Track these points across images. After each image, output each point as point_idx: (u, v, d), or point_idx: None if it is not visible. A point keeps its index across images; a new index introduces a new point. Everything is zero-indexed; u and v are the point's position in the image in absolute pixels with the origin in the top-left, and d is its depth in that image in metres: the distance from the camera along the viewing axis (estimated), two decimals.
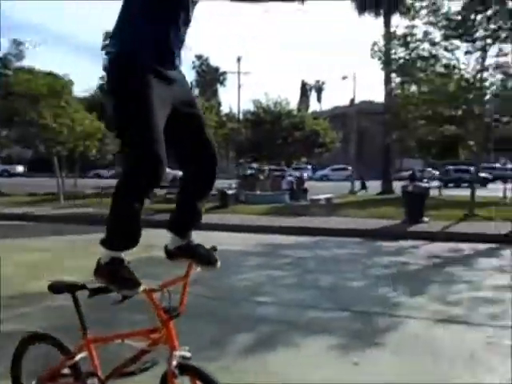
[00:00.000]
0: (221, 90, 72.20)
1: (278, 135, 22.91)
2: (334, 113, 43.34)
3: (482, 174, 32.19)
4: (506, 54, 11.43)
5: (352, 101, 28.50)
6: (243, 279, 6.10)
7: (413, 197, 11.24)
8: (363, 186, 25.22)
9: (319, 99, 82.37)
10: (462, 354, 3.49)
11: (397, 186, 22.90)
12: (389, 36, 14.13)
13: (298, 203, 16.13)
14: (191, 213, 1.94)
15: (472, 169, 32.64)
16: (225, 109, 50.91)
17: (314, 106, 75.39)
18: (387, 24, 22.45)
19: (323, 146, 23.23)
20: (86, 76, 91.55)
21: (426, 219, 11.02)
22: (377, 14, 23.99)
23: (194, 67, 68.68)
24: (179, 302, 1.86)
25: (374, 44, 12.99)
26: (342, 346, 3.66)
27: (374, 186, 25.18)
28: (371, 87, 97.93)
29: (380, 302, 4.97)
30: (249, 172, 25.04)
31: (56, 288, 2.06)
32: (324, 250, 8.43)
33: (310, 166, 26.92)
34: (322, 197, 17.04)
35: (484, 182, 30.13)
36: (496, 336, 3.87)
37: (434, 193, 17.75)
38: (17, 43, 20.69)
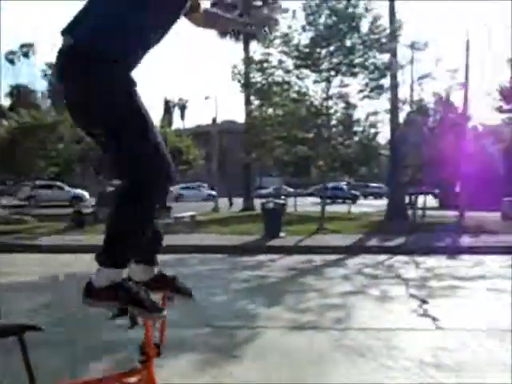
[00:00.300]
0: None
1: None
2: (197, 131, 43.92)
3: (353, 192, 36.18)
4: (346, 85, 12.98)
5: (214, 120, 29.29)
6: None
7: (271, 213, 11.92)
8: (231, 203, 25.94)
9: (182, 117, 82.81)
10: (312, 357, 3.79)
11: (257, 203, 24.05)
12: (248, 61, 14.95)
13: (161, 221, 15.84)
14: (153, 234, 1.68)
15: (345, 187, 36.33)
16: None
17: (177, 123, 75.43)
18: (246, 49, 23.72)
19: (187, 163, 23.35)
20: None
21: (282, 234, 11.76)
22: (237, 39, 25.19)
23: (45, 75, 63.61)
24: (159, 338, 1.65)
25: (234, 67, 13.63)
26: (202, 362, 3.69)
27: (237, 203, 26.05)
28: (233, 107, 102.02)
29: (240, 315, 5.14)
30: (109, 189, 23.90)
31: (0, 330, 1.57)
32: (187, 267, 8.41)
33: None
34: (185, 214, 16.99)
35: (355, 199, 33.86)
36: (342, 338, 4.29)
37: (290, 209, 19.05)
38: None
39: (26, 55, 57.86)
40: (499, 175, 21.24)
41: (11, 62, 53.70)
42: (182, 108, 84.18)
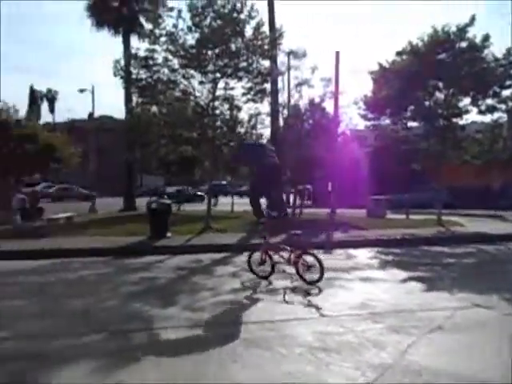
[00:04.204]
0: None
1: (3, 147, 20.13)
2: (70, 126, 41.01)
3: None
4: (231, 88, 13.33)
5: (91, 115, 27.72)
6: None
7: (157, 213, 11.75)
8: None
9: (52, 110, 76.44)
10: (213, 352, 3.94)
11: (139, 202, 23.36)
12: (129, 55, 14.46)
13: (32, 223, 14.59)
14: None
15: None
16: None
17: (46, 116, 69.52)
18: (126, 44, 22.89)
19: (60, 161, 21.64)
20: None
21: (169, 234, 11.68)
22: (116, 32, 24.12)
23: None
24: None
25: (117, 62, 13.11)
26: (105, 367, 3.61)
27: (113, 202, 24.95)
28: (110, 102, 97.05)
29: (135, 317, 5.06)
30: None
31: None
32: (69, 272, 7.95)
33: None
34: (61, 216, 15.90)
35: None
36: (237, 332, 4.50)
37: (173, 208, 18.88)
38: None
39: None
40: (364, 176, 23.68)
41: None
42: (51, 100, 77.70)
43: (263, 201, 7.38)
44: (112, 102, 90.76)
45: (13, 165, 19.31)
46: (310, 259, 6.68)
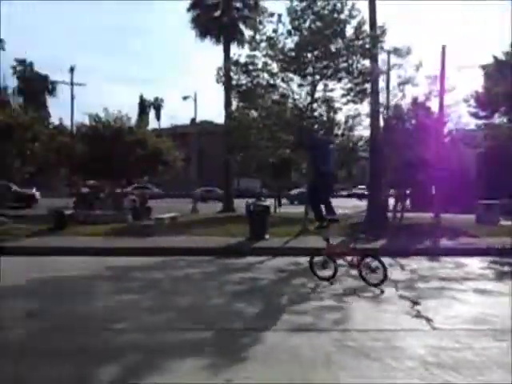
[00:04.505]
0: (51, 101, 66.44)
1: (118, 152, 21.98)
2: (174, 131, 43.54)
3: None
4: (331, 90, 13.13)
5: (193, 120, 29.16)
6: (96, 307, 5.70)
7: (256, 215, 11.96)
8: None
9: (158, 117, 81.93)
10: (319, 358, 3.87)
11: (237, 204, 24.05)
12: (229, 62, 14.93)
13: (141, 222, 15.68)
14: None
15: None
16: (55, 121, 47.49)
17: (152, 123, 74.72)
18: (227, 51, 23.71)
19: (166, 164, 23.12)
20: None
21: (267, 236, 11.82)
22: (218, 41, 25.12)
23: (14, 72, 62.35)
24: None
25: (219, 69, 13.62)
26: (212, 365, 3.71)
27: (213, 204, 25.83)
28: (210, 108, 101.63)
29: (239, 317, 5.17)
30: (85, 190, 23.63)
31: None
32: (176, 269, 8.38)
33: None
34: (166, 216, 16.87)
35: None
36: (343, 339, 4.38)
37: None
38: None
39: None
40: (472, 179, 21.94)
41: None
42: (158, 108, 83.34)
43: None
44: (212, 108, 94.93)
45: (126, 168, 20.97)
46: (373, 262, 6.79)
